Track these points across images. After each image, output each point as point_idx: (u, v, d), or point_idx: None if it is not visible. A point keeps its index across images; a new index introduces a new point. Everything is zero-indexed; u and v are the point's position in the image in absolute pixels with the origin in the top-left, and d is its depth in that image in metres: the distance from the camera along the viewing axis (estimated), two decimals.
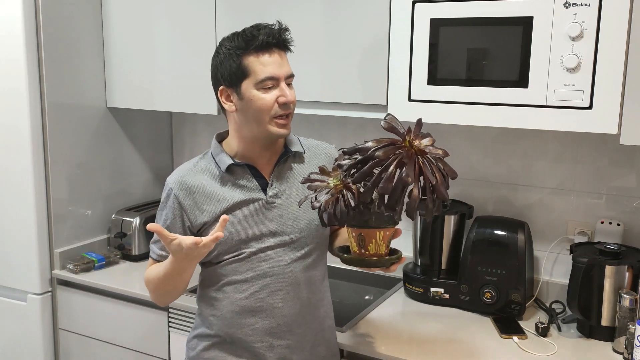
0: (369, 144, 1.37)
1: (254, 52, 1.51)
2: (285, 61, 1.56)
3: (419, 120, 1.43)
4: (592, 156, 2.06)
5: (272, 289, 1.59)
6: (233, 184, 1.59)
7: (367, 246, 1.43)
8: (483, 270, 2.01)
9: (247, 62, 1.52)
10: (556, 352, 1.78)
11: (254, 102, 1.53)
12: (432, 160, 1.37)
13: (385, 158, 1.34)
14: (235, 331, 1.61)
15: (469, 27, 1.77)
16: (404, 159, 1.33)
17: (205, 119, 2.81)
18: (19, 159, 2.36)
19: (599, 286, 1.84)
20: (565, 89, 1.67)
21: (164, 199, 1.63)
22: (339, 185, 1.41)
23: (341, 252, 1.51)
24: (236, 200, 1.58)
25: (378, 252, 1.44)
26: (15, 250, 2.44)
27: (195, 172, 1.62)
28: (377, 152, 1.34)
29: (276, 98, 1.53)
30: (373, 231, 1.42)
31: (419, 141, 1.38)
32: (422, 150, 1.37)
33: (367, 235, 1.43)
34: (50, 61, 2.34)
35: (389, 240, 1.45)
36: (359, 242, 1.44)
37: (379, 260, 1.44)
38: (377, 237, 1.42)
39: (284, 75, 1.54)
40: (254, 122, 1.55)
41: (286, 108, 1.55)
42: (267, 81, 1.52)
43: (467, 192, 2.26)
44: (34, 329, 2.44)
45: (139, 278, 2.39)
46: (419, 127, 1.41)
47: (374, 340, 1.85)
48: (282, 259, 1.59)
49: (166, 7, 2.36)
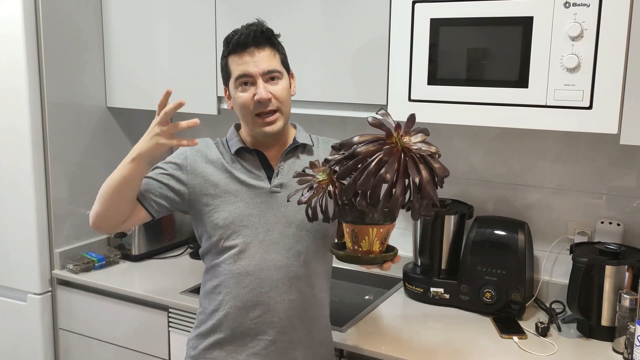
0: (355, 139, 1.35)
1: (233, 52, 1.58)
2: (263, 58, 1.56)
3: (410, 115, 1.39)
4: (592, 156, 2.06)
5: (273, 283, 1.59)
6: (242, 167, 1.64)
7: (360, 242, 1.43)
8: (483, 270, 2.01)
9: (229, 63, 1.59)
10: (556, 352, 1.78)
11: (236, 101, 1.60)
12: (418, 158, 1.33)
13: (368, 154, 1.31)
14: (237, 326, 1.61)
15: (469, 27, 1.77)
16: (384, 156, 1.30)
17: (205, 119, 2.80)
18: (19, 159, 2.36)
19: (599, 286, 1.84)
20: (565, 88, 1.67)
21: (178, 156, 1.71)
22: (324, 181, 1.41)
23: (335, 249, 1.49)
24: (241, 182, 1.61)
25: (371, 249, 1.42)
26: (15, 250, 2.44)
27: (211, 147, 1.69)
28: (359, 148, 1.32)
29: (253, 95, 1.55)
30: (366, 227, 1.40)
31: (409, 138, 1.35)
32: (408, 148, 1.34)
33: (359, 232, 1.41)
34: (50, 61, 2.34)
35: (383, 238, 1.44)
36: (353, 238, 1.43)
37: (371, 257, 1.43)
38: (370, 233, 1.41)
39: (259, 72, 1.55)
40: (243, 119, 1.63)
41: (262, 106, 1.56)
42: (242, 79, 1.56)
43: (467, 192, 2.26)
44: (34, 329, 2.44)
45: (139, 278, 2.39)
46: (410, 123, 1.37)
47: (374, 340, 1.85)
48: (284, 252, 1.60)
49: (166, 7, 2.36)
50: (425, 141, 1.36)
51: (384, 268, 1.46)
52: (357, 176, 1.31)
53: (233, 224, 1.58)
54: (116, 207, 1.58)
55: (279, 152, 1.66)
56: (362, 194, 1.33)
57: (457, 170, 2.27)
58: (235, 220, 1.57)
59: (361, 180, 1.30)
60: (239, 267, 1.59)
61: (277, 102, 1.57)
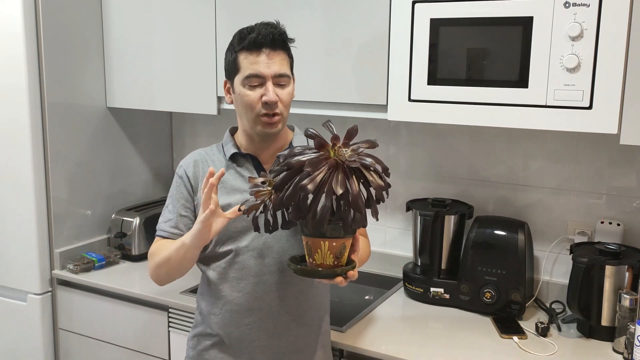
0: (295, 149, 1.35)
1: (246, 49, 1.55)
2: (276, 61, 1.56)
3: (352, 127, 1.37)
4: (592, 156, 2.06)
5: (268, 288, 1.59)
6: (236, 172, 1.63)
7: (313, 256, 1.41)
8: (483, 270, 2.01)
9: (239, 59, 1.57)
10: (556, 352, 1.78)
11: (241, 98, 1.57)
12: (352, 170, 1.31)
13: (299, 166, 1.31)
14: (233, 330, 1.61)
15: (469, 27, 1.77)
16: (307, 167, 1.29)
17: (205, 119, 2.81)
18: (19, 159, 2.36)
19: (599, 286, 1.84)
20: (565, 89, 1.67)
21: (175, 178, 1.69)
22: (264, 192, 1.41)
23: (291, 262, 1.47)
24: (235, 187, 1.61)
25: (324, 262, 1.40)
26: (15, 250, 2.44)
27: (206, 155, 1.69)
28: (292, 160, 1.32)
29: (260, 96, 1.55)
30: (318, 241, 1.38)
31: (346, 150, 1.33)
32: (342, 160, 1.32)
33: (312, 245, 1.40)
34: (50, 61, 2.34)
35: (338, 252, 1.40)
36: (308, 251, 1.42)
37: (322, 271, 1.40)
38: (322, 247, 1.38)
39: (270, 75, 1.54)
40: (244, 116, 1.61)
41: (269, 107, 1.55)
42: (252, 78, 1.55)
43: (467, 192, 2.26)
44: (34, 329, 2.44)
45: (139, 278, 2.39)
46: (351, 134, 1.36)
47: (374, 340, 1.85)
48: (279, 256, 1.59)
49: (166, 7, 2.36)
50: (367, 154, 1.34)
51: (336, 282, 1.42)
52: (287, 188, 1.31)
53: (228, 230, 1.57)
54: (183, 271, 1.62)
55: (274, 155, 1.63)
56: (293, 206, 1.32)
57: (457, 170, 2.27)
58: (229, 226, 1.56)
59: (288, 192, 1.30)
60: (233, 271, 1.59)
61: (282, 106, 1.58)
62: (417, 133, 2.32)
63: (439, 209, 2.11)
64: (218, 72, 2.26)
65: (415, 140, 2.33)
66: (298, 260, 1.49)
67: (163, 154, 2.91)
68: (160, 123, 2.87)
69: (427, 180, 2.33)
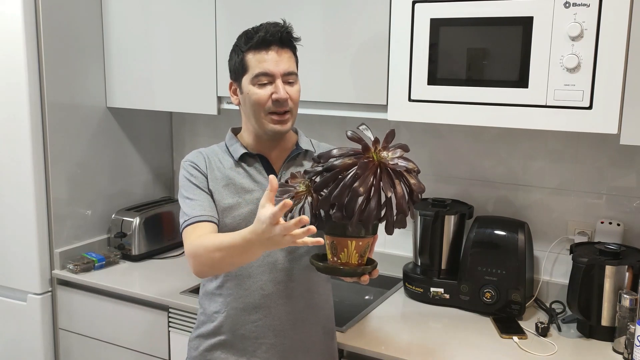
0: (333, 152, 1.38)
1: (253, 49, 1.55)
2: (285, 59, 1.56)
3: (390, 131, 1.41)
4: (592, 156, 2.06)
5: (275, 285, 1.59)
6: (245, 172, 1.63)
7: (339, 255, 1.43)
8: (483, 270, 2.01)
9: (247, 58, 1.56)
10: (556, 352, 1.78)
11: (250, 97, 1.57)
12: (395, 173, 1.35)
13: (344, 167, 1.34)
14: (238, 329, 1.61)
15: (469, 27, 1.77)
16: (358, 170, 1.32)
17: (205, 119, 2.81)
18: (19, 159, 2.36)
19: (599, 286, 1.84)
20: (565, 89, 1.67)
21: (183, 172, 1.63)
22: (301, 192, 1.42)
23: (315, 260, 1.48)
24: (244, 186, 1.60)
25: (350, 261, 1.43)
26: (15, 250, 2.44)
27: (212, 154, 1.66)
28: (336, 162, 1.35)
29: (270, 94, 1.55)
30: (345, 240, 1.41)
31: (387, 153, 1.38)
32: (385, 163, 1.36)
33: (339, 244, 1.42)
34: (50, 61, 2.34)
35: (362, 251, 1.44)
36: (332, 250, 1.44)
37: (349, 270, 1.43)
38: (348, 246, 1.41)
39: (280, 72, 1.55)
40: (252, 116, 1.59)
41: (279, 105, 1.55)
42: (261, 77, 1.54)
43: (467, 192, 2.26)
44: (34, 329, 2.44)
45: (139, 278, 2.39)
46: (390, 138, 1.40)
47: (374, 340, 1.85)
48: (286, 255, 1.60)
49: (166, 7, 2.36)
50: (404, 157, 1.38)
51: (362, 281, 1.44)
52: (332, 189, 1.33)
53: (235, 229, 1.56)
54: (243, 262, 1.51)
55: (280, 155, 1.66)
56: (338, 206, 1.35)
57: (457, 170, 2.27)
58: (237, 227, 1.56)
59: (336, 192, 1.33)
60: (240, 269, 1.59)
61: (292, 103, 1.58)
62: (417, 133, 2.32)
63: (439, 209, 2.11)
64: (218, 72, 2.26)
65: (416, 140, 2.33)
66: (320, 258, 1.50)
67: (163, 154, 2.91)
68: (160, 123, 2.87)
69: (427, 180, 2.31)
